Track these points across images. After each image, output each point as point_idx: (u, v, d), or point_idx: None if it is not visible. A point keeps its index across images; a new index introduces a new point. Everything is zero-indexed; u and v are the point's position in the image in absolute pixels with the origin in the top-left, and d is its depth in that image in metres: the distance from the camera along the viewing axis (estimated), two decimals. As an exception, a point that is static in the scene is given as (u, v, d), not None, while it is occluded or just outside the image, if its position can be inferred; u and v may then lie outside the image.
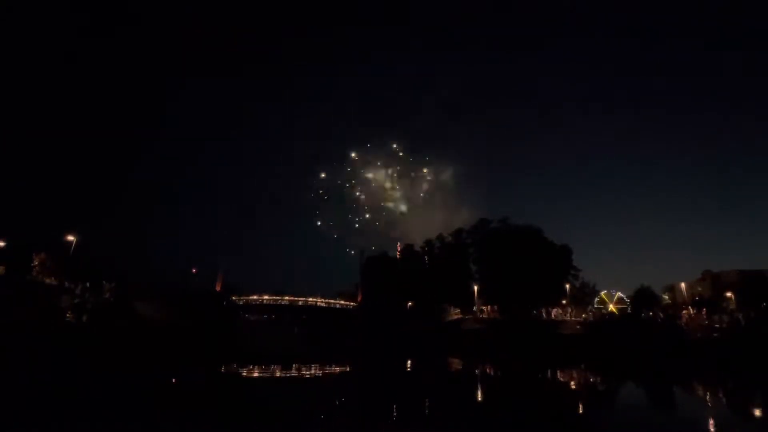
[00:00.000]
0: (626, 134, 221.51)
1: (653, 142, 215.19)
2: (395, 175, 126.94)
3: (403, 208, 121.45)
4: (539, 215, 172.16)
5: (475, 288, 68.17)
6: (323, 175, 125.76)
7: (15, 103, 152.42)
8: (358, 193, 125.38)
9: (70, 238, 53.79)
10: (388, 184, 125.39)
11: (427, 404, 19.15)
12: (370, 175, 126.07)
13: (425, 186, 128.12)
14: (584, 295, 70.88)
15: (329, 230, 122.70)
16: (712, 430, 15.31)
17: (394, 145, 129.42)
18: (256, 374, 26.74)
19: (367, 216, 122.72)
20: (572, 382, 27.99)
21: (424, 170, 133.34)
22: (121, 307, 51.33)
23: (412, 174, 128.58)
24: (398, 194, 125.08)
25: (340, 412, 16.17)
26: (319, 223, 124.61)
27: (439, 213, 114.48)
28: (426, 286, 70.62)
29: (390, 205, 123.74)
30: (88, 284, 52.77)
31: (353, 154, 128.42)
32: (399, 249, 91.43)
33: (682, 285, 73.11)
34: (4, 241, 52.26)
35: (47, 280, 50.63)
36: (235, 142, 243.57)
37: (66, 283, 50.66)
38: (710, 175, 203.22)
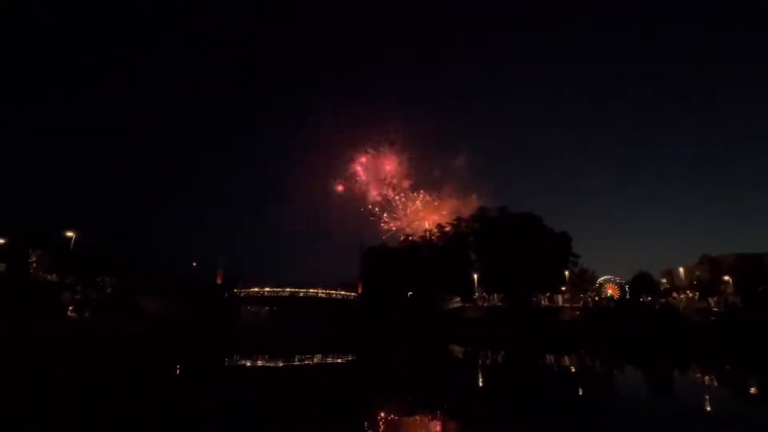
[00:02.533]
0: (625, 121, 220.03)
1: (652, 127, 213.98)
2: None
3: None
4: (538, 203, 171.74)
5: (475, 276, 68.53)
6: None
7: (15, 100, 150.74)
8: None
9: (69, 234, 53.72)
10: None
11: (427, 390, 19.37)
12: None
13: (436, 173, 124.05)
14: (584, 282, 71.34)
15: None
16: (710, 412, 15.58)
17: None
18: (259, 365, 27.03)
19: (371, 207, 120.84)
20: (572, 368, 28.36)
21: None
22: (124, 302, 51.54)
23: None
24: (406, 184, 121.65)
25: (341, 400, 16.37)
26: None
27: (446, 203, 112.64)
28: (426, 276, 70.89)
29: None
30: (89, 280, 52.94)
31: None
32: (401, 239, 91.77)
33: (681, 269, 73.59)
34: (3, 238, 52.07)
35: (48, 277, 50.72)
36: (237, 136, 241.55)
37: (67, 280, 50.77)
38: (709, 161, 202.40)
